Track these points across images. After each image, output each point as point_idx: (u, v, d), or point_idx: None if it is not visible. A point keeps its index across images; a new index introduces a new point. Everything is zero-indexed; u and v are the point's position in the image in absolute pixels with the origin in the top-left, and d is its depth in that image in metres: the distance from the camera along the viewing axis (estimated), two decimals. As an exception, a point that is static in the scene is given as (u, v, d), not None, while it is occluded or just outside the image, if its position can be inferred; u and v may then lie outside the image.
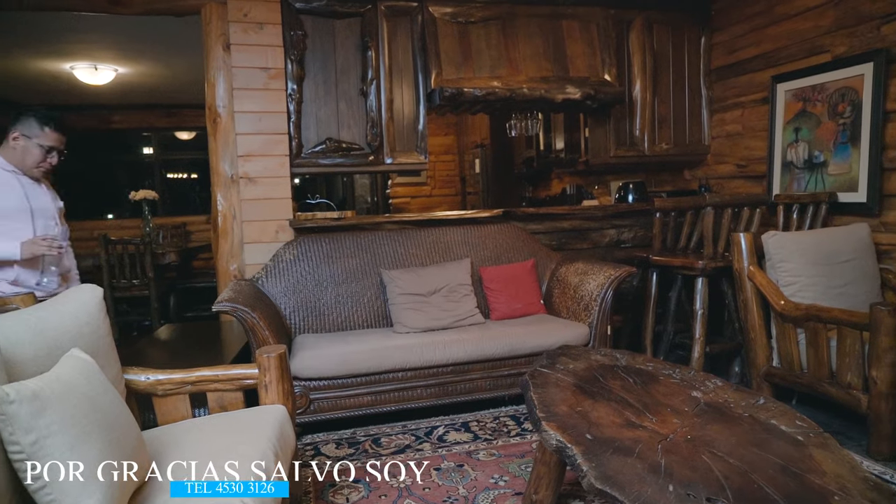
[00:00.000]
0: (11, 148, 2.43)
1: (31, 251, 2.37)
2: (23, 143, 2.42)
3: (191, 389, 2.14)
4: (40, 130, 2.43)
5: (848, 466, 1.50)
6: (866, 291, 3.11)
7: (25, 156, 2.44)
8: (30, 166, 2.45)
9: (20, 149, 2.43)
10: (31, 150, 2.43)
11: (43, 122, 2.43)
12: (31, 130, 2.42)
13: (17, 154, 2.43)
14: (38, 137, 2.43)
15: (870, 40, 3.35)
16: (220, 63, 3.61)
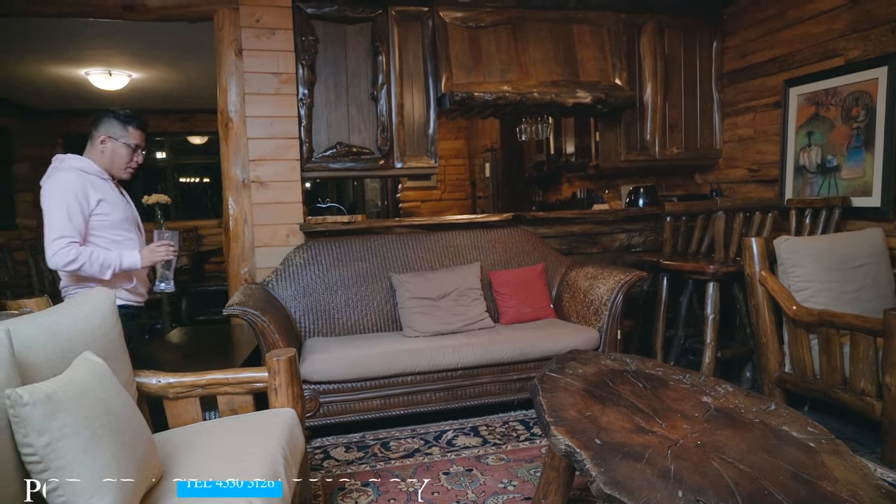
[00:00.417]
0: (100, 151, 2.45)
1: (151, 259, 2.43)
2: (110, 145, 2.44)
3: (201, 393, 2.15)
4: (124, 130, 2.46)
5: (860, 474, 1.48)
6: (880, 297, 3.08)
7: (114, 157, 2.46)
8: (119, 167, 2.48)
9: (108, 151, 2.45)
10: (119, 151, 2.46)
11: (126, 121, 2.46)
12: (115, 131, 2.45)
13: (105, 157, 2.45)
14: (123, 137, 2.46)
15: (884, 44, 3.32)
16: (233, 68, 3.64)
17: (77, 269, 2.27)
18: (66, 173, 2.33)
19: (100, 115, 2.45)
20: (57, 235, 2.24)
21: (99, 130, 2.44)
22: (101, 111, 2.47)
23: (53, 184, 2.31)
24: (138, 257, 2.38)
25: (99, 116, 2.45)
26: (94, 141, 2.44)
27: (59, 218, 2.25)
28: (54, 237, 2.24)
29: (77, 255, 2.25)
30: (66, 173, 2.33)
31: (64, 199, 2.27)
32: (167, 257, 2.46)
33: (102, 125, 2.44)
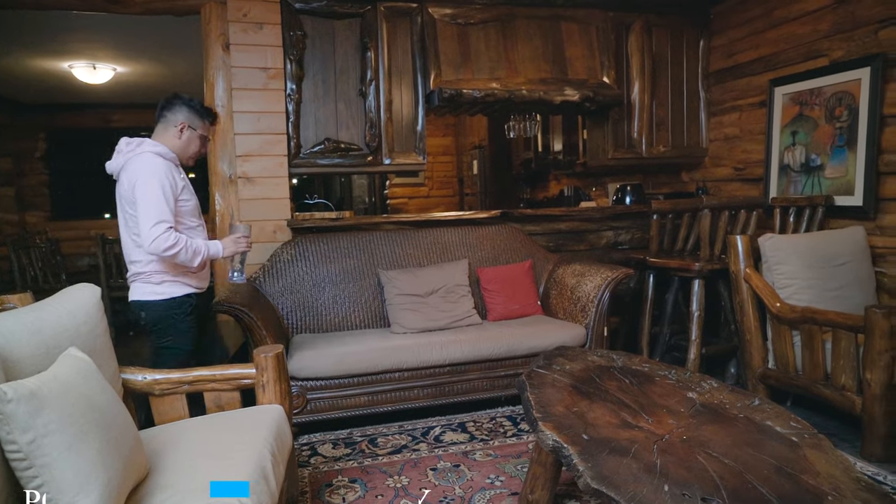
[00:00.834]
0: (177, 137, 2.46)
1: (233, 250, 2.50)
2: (188, 133, 2.48)
3: (188, 389, 2.14)
4: (201, 122, 2.51)
5: (841, 467, 1.51)
6: (861, 294, 3.13)
7: (189, 145, 2.50)
8: (191, 155, 2.53)
9: (185, 139, 2.48)
10: (194, 141, 2.50)
11: (202, 114, 2.52)
12: (194, 121, 2.48)
13: (181, 143, 2.47)
14: (200, 128, 2.51)
15: (867, 45, 3.37)
16: (220, 63, 3.61)
17: (174, 254, 2.28)
18: (153, 158, 2.33)
19: (175, 102, 2.47)
20: (156, 220, 2.24)
21: (177, 117, 2.46)
22: (175, 98, 2.48)
23: (142, 168, 2.29)
24: (220, 246, 2.45)
25: (174, 103, 2.46)
26: (170, 126, 2.46)
27: (155, 203, 2.25)
28: (153, 222, 2.23)
29: (176, 241, 2.27)
30: (153, 158, 2.33)
31: (159, 183, 2.27)
32: (246, 249, 2.54)
33: (181, 113, 2.46)
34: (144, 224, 2.23)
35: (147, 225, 2.23)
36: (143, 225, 2.24)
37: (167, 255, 2.28)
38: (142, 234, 2.24)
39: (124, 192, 2.34)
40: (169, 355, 2.42)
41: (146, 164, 2.30)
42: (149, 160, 2.31)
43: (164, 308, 2.40)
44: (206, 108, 2.55)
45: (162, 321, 2.41)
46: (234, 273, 2.62)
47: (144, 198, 2.25)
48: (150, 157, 2.33)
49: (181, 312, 2.43)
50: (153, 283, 2.40)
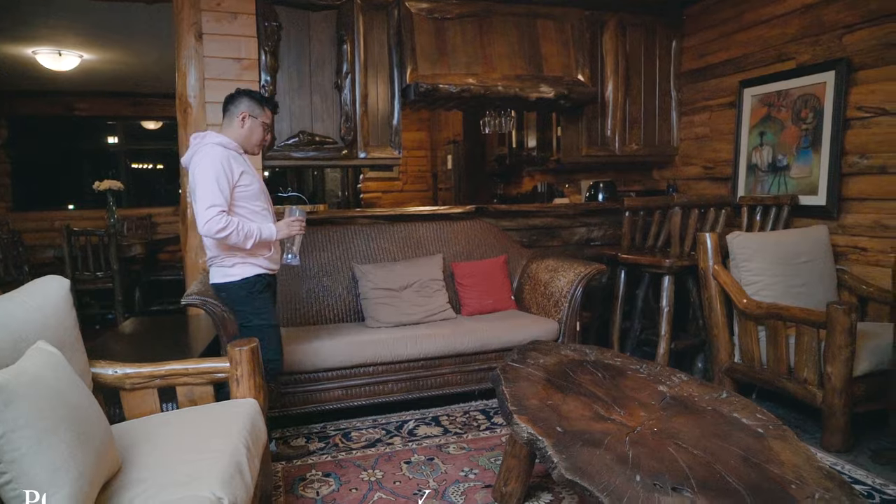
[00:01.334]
0: (239, 127, 2.58)
1: (287, 232, 2.59)
2: (250, 122, 2.59)
3: (160, 383, 2.11)
4: (261, 110, 2.61)
5: (804, 457, 1.57)
6: (823, 291, 3.23)
7: (252, 133, 2.61)
8: (254, 143, 2.64)
9: (247, 128, 2.59)
10: (256, 129, 2.61)
11: (262, 102, 2.62)
12: (254, 110, 2.59)
13: (244, 132, 2.59)
14: (261, 116, 2.61)
15: (832, 49, 3.47)
16: (192, 52, 3.55)
17: (226, 236, 2.41)
18: (213, 148, 2.47)
19: (238, 95, 2.61)
20: (209, 204, 2.37)
21: (239, 108, 2.58)
22: (236, 91, 2.64)
23: (202, 157, 2.44)
24: (274, 229, 2.55)
25: (237, 96, 2.61)
26: (234, 118, 2.59)
27: (209, 189, 2.38)
28: (206, 206, 2.37)
29: (227, 224, 2.38)
30: (213, 148, 2.47)
31: (213, 170, 2.40)
32: (300, 233, 2.62)
33: (242, 104, 2.59)
34: (199, 207, 2.39)
35: (201, 208, 2.38)
36: (198, 209, 2.39)
37: (219, 236, 2.40)
38: (197, 217, 2.40)
39: (189, 182, 2.51)
40: (252, 333, 2.52)
41: (205, 154, 2.45)
42: (207, 151, 2.46)
43: (238, 288, 2.56)
44: (266, 97, 2.67)
45: (239, 301, 2.58)
46: (288, 255, 2.67)
47: (199, 184, 2.41)
48: (210, 147, 2.48)
49: (255, 291, 2.58)
50: (226, 266, 2.56)
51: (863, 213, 3.36)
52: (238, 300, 2.59)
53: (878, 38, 3.24)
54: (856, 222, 3.40)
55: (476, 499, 2.36)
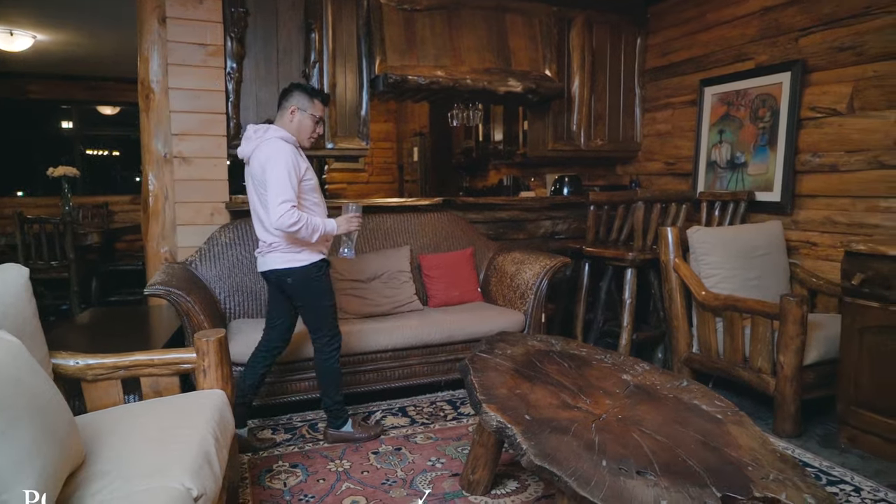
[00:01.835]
0: (289, 121, 2.66)
1: (346, 228, 2.68)
2: (298, 116, 2.65)
3: (123, 374, 2.07)
4: (310, 103, 2.67)
5: (760, 441, 1.64)
6: (777, 284, 3.37)
7: (301, 127, 2.67)
8: (304, 136, 2.70)
9: (296, 122, 2.66)
10: (305, 122, 2.67)
11: (312, 95, 2.68)
12: (303, 103, 2.65)
13: (293, 126, 2.66)
14: (309, 109, 2.66)
15: (789, 51, 3.60)
16: (155, 36, 3.46)
17: (297, 230, 2.51)
18: (277, 142, 2.56)
19: (290, 89, 2.69)
20: (282, 199, 2.47)
21: (289, 102, 2.66)
22: (290, 85, 2.72)
23: (270, 151, 2.53)
24: (335, 224, 2.65)
25: (289, 90, 2.69)
26: (285, 112, 2.66)
27: (282, 183, 2.48)
28: (280, 201, 2.47)
29: (298, 219, 2.49)
30: (277, 142, 2.56)
31: (285, 166, 2.50)
32: (357, 228, 2.72)
33: (292, 97, 2.66)
34: (273, 201, 2.48)
35: (275, 202, 2.47)
36: (271, 203, 2.49)
37: (291, 230, 2.51)
38: (270, 211, 2.50)
39: (256, 174, 2.58)
40: (320, 312, 2.71)
41: (274, 148, 2.53)
42: (276, 145, 2.55)
43: (305, 272, 2.66)
44: (316, 90, 2.74)
45: (306, 284, 2.67)
46: (344, 249, 2.76)
47: (273, 180, 2.49)
48: (276, 142, 2.56)
49: (320, 274, 2.70)
50: (293, 252, 2.64)
51: (814, 210, 3.51)
52: (306, 283, 2.68)
53: (830, 42, 3.37)
54: (808, 218, 3.54)
55: (444, 487, 2.39)
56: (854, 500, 2.28)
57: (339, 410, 2.81)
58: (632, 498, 1.36)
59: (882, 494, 2.32)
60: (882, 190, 3.15)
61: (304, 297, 2.70)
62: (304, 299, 2.71)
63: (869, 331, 2.64)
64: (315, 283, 2.68)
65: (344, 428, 2.81)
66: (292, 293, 2.71)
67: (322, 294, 2.71)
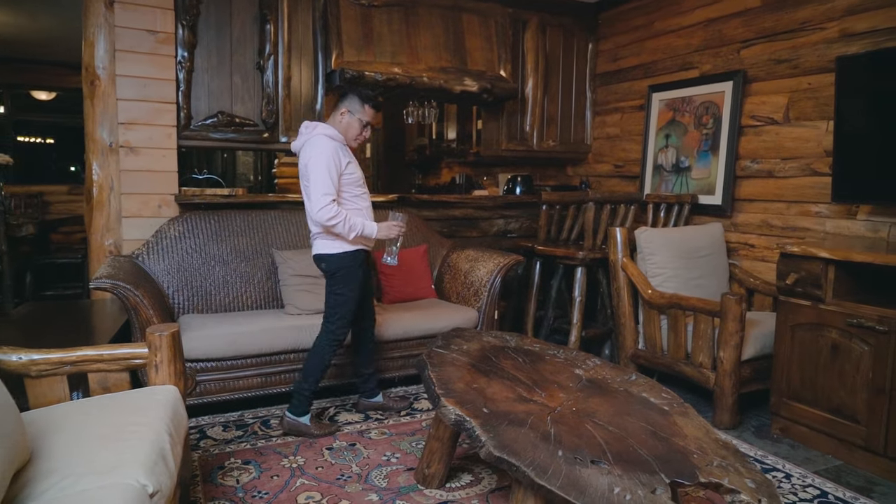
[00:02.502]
0: (339, 121, 2.78)
1: (386, 234, 2.81)
2: (347, 118, 2.78)
3: (70, 370, 2.00)
4: (361, 107, 2.78)
5: (704, 430, 1.74)
6: (717, 283, 3.54)
7: (349, 129, 2.79)
8: (351, 138, 2.82)
9: (345, 122, 2.78)
10: (353, 125, 2.79)
11: (364, 100, 2.79)
12: (354, 107, 2.78)
13: (342, 126, 2.78)
14: (358, 113, 2.78)
15: (731, 62, 3.78)
16: (102, 21, 3.33)
17: (333, 225, 2.66)
18: (321, 139, 2.70)
19: (347, 91, 2.82)
20: (323, 192, 2.63)
21: (343, 103, 2.79)
22: (351, 87, 2.88)
23: (315, 148, 2.67)
24: (375, 227, 2.78)
25: (347, 91, 2.82)
26: (337, 112, 2.80)
27: (321, 178, 2.63)
28: (321, 194, 2.63)
29: (336, 213, 2.65)
30: (321, 139, 2.70)
31: (325, 161, 2.65)
32: (398, 236, 2.84)
33: (346, 99, 2.79)
34: (314, 193, 2.64)
35: (316, 195, 2.63)
36: (312, 195, 2.65)
37: (328, 224, 2.66)
38: (310, 202, 2.66)
39: (302, 168, 2.73)
40: (339, 301, 2.80)
41: (317, 145, 2.68)
42: (320, 141, 2.69)
43: (340, 259, 2.78)
44: (370, 96, 2.83)
45: (339, 270, 2.79)
46: (387, 256, 2.87)
47: (314, 173, 2.65)
48: (320, 138, 2.71)
49: (355, 264, 2.81)
50: (329, 239, 2.77)
51: (752, 213, 3.70)
52: (339, 269, 2.79)
53: (769, 54, 3.56)
54: (746, 221, 3.73)
55: (399, 481, 2.41)
56: (785, 486, 2.43)
57: (305, 400, 2.83)
58: (587, 486, 1.42)
59: (810, 480, 2.48)
60: (813, 195, 3.35)
61: (331, 282, 2.83)
62: (329, 283, 2.84)
63: (800, 328, 2.81)
64: (344, 271, 2.79)
65: (301, 418, 2.82)
66: (326, 278, 2.85)
67: (346, 284, 2.80)
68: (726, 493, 1.48)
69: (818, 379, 2.74)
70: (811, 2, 3.33)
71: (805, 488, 2.42)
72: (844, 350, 2.63)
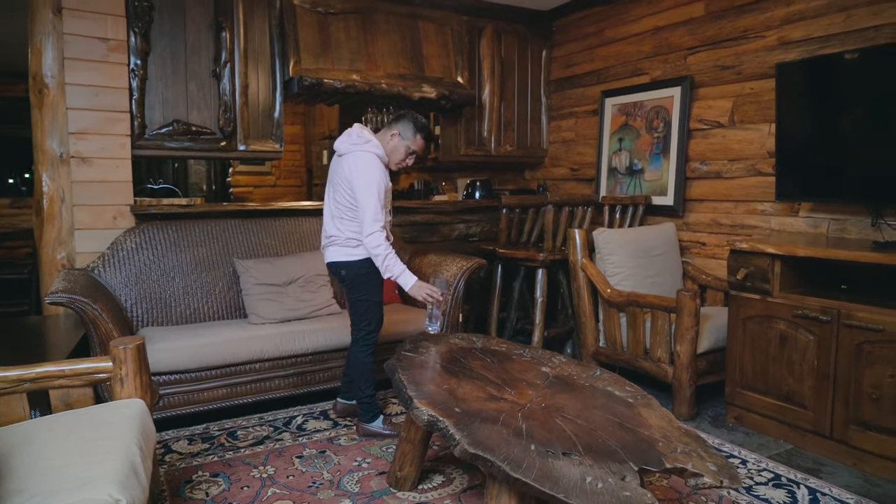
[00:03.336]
0: (388, 141, 2.79)
1: (418, 294, 2.71)
2: (397, 141, 2.79)
3: (30, 387, 1.94)
4: (412, 135, 2.80)
5: (667, 420, 1.82)
6: (672, 280, 3.67)
7: (394, 152, 2.81)
8: (394, 161, 2.83)
9: (393, 145, 2.79)
10: (399, 149, 2.80)
11: (417, 129, 2.81)
12: (406, 133, 2.79)
13: (389, 147, 2.80)
14: (408, 140, 2.80)
15: (678, 68, 3.94)
16: (49, 28, 3.23)
17: (376, 255, 2.67)
18: (373, 158, 2.71)
19: (402, 115, 2.83)
20: (374, 218, 2.65)
21: (396, 125, 2.80)
22: (407, 112, 2.85)
23: (366, 166, 2.68)
24: (410, 283, 2.71)
25: (402, 115, 2.83)
26: (388, 131, 2.81)
27: (374, 203, 2.65)
28: (372, 220, 2.65)
29: (382, 245, 2.66)
30: (373, 158, 2.71)
31: (377, 184, 2.67)
32: (428, 301, 2.73)
33: (401, 123, 2.80)
34: (367, 216, 2.65)
35: (369, 218, 2.65)
36: (366, 216, 2.66)
37: (372, 251, 2.68)
38: (364, 226, 2.67)
39: (345, 173, 2.72)
40: (364, 307, 2.83)
41: (369, 163, 2.69)
42: (371, 161, 2.70)
43: (359, 266, 2.79)
44: (425, 125, 2.85)
45: (359, 277, 2.81)
46: (427, 323, 2.79)
47: (366, 196, 2.66)
48: (371, 157, 2.71)
49: (374, 270, 2.78)
50: (350, 247, 2.78)
51: (702, 213, 3.86)
52: (359, 276, 2.81)
53: (714, 61, 3.73)
54: (697, 220, 3.89)
55: (371, 486, 2.42)
56: (742, 472, 2.55)
57: (370, 405, 2.89)
58: (560, 477, 1.47)
59: (764, 465, 2.61)
60: (759, 194, 3.53)
61: (353, 289, 2.85)
62: (352, 291, 2.86)
63: (751, 320, 2.96)
64: (365, 278, 2.80)
65: (374, 423, 2.90)
66: (345, 285, 2.89)
67: (369, 290, 2.82)
68: (690, 476, 1.55)
69: (769, 368, 2.88)
70: (751, 11, 3.51)
71: (760, 472, 2.55)
72: (792, 340, 2.78)
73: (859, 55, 2.88)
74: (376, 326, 2.89)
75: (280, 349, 3.11)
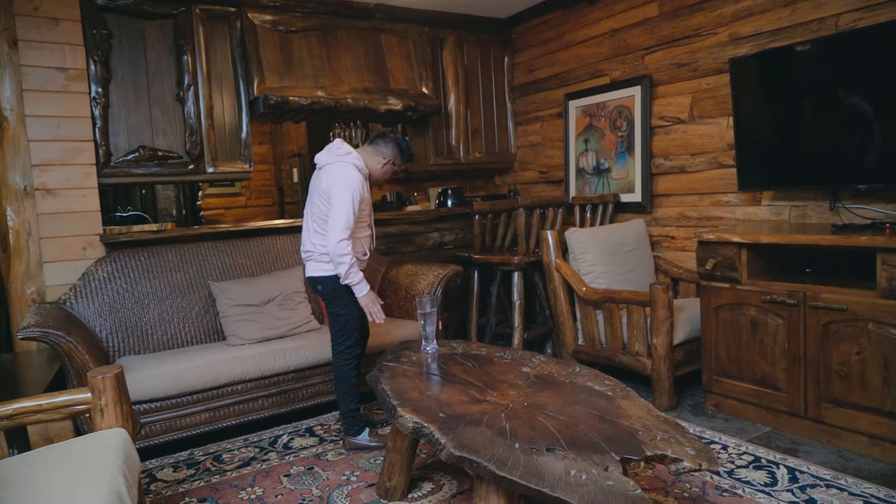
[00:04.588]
0: (380, 165, 2.90)
1: (365, 303, 2.80)
2: (390, 167, 2.93)
3: (7, 424, 1.91)
4: (402, 161, 2.97)
5: (646, 410, 1.86)
6: (645, 275, 3.75)
7: (384, 174, 2.94)
8: (383, 179, 2.98)
9: (386, 170, 2.92)
10: (388, 170, 2.94)
11: (406, 157, 2.97)
12: (398, 160, 2.94)
13: (379, 170, 2.91)
14: (398, 165, 2.96)
15: (637, 67, 4.04)
16: (6, 60, 3.20)
17: (341, 262, 2.71)
18: (351, 168, 2.77)
19: (391, 140, 2.91)
20: (344, 226, 2.69)
21: (387, 151, 2.90)
22: (390, 134, 2.94)
23: (345, 177, 2.73)
24: (364, 290, 2.79)
25: (388, 139, 2.91)
26: (378, 155, 2.89)
27: (346, 211, 2.69)
28: (342, 227, 2.69)
29: (347, 252, 2.70)
30: (351, 168, 2.77)
31: (352, 194, 2.71)
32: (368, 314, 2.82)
33: (391, 149, 2.90)
34: (334, 228, 2.70)
35: (338, 227, 2.69)
36: (333, 228, 2.70)
37: (338, 259, 2.72)
38: (330, 235, 2.70)
39: (323, 186, 2.78)
40: (343, 321, 2.87)
41: (348, 174, 2.75)
42: (350, 172, 2.76)
43: (334, 281, 2.82)
44: (412, 154, 3.03)
45: (335, 291, 2.84)
46: (423, 344, 2.73)
47: (339, 205, 2.70)
48: (352, 168, 2.77)
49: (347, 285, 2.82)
50: (324, 262, 2.83)
51: (670, 207, 3.95)
52: (333, 290, 2.85)
53: (671, 59, 3.84)
54: (665, 215, 3.98)
55: (361, 498, 2.42)
56: (723, 457, 2.61)
57: (354, 419, 2.90)
58: (545, 472, 1.50)
59: (744, 448, 2.68)
60: (722, 186, 3.63)
61: (330, 303, 2.90)
62: (330, 305, 2.91)
63: (722, 308, 3.03)
64: (341, 291, 2.83)
65: (360, 437, 2.91)
66: (324, 299, 2.94)
67: (345, 303, 2.86)
68: (670, 462, 1.60)
69: (742, 354, 2.95)
70: (702, 9, 3.62)
71: (741, 456, 2.61)
72: (762, 325, 2.86)
73: (811, 46, 2.98)
74: (356, 340, 2.91)
75: (261, 369, 3.10)
